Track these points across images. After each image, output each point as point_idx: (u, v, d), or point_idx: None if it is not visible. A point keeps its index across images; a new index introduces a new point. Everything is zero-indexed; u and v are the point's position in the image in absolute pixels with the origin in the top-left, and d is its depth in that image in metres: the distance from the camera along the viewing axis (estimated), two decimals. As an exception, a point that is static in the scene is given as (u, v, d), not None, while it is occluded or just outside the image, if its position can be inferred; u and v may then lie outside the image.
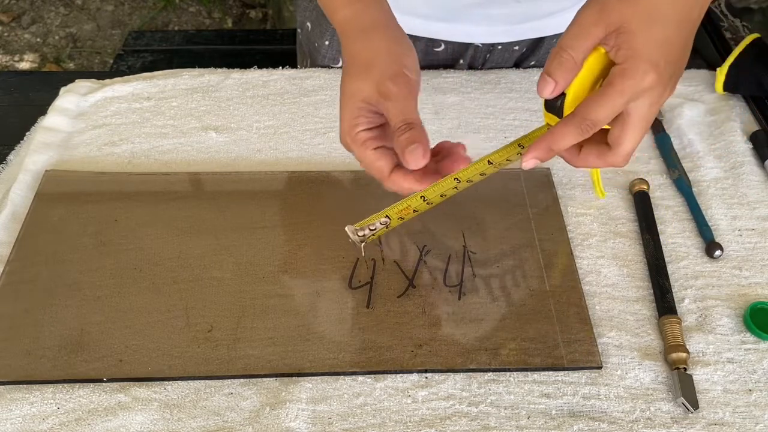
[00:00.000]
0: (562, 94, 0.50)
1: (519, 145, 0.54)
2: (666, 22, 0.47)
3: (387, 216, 0.55)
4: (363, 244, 0.56)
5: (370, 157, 0.54)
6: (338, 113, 0.78)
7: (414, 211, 0.56)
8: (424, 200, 0.55)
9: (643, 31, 0.47)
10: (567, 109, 0.50)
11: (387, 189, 0.54)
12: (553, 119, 0.51)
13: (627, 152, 0.50)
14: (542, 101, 0.51)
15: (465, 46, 0.84)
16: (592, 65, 0.49)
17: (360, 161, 0.55)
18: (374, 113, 0.54)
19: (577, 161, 0.53)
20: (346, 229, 0.56)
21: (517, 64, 0.87)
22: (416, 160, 0.51)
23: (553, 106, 0.51)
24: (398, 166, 0.54)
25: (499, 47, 0.84)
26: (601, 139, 0.51)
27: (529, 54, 0.86)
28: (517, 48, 0.85)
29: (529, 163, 0.51)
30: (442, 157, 0.55)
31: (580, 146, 0.52)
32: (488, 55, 0.85)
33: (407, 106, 0.52)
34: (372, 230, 0.55)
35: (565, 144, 0.50)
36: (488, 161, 0.54)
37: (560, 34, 0.82)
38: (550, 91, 0.49)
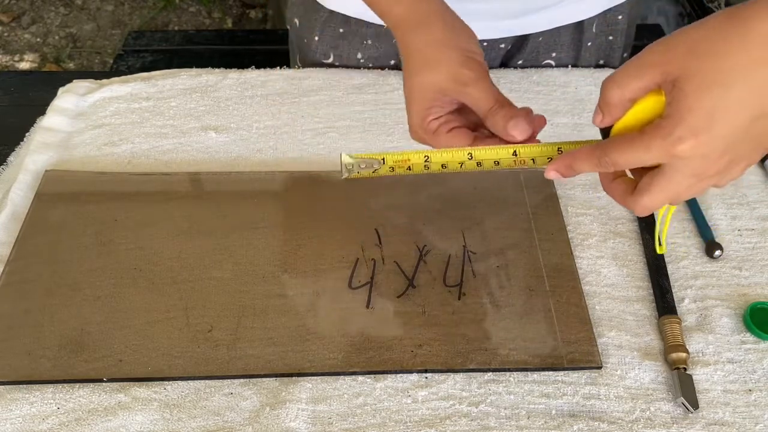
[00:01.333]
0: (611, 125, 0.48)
1: (558, 149, 0.52)
2: (729, 91, 0.42)
3: (383, 158, 0.53)
4: (345, 176, 0.54)
5: (445, 140, 0.54)
6: (338, 113, 0.78)
7: (408, 168, 0.54)
8: (425, 161, 0.53)
9: (696, 95, 0.42)
10: None
11: None
12: None
13: (644, 206, 0.48)
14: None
15: None
16: (647, 107, 0.46)
17: (436, 148, 0.55)
18: (447, 102, 0.54)
19: (606, 188, 0.51)
20: (341, 154, 0.54)
21: (504, 63, 0.87)
22: (522, 131, 0.51)
23: (603, 134, 0.49)
24: (476, 138, 0.54)
25: (485, 44, 0.84)
26: (638, 177, 0.49)
27: (516, 52, 0.86)
28: (503, 46, 0.85)
29: (550, 173, 0.50)
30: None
31: (616, 175, 0.50)
32: None
33: (488, 87, 0.53)
34: (361, 168, 0.53)
35: (582, 169, 0.49)
36: (513, 152, 0.52)
37: (545, 32, 0.83)
38: (597, 122, 0.48)
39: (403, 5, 0.57)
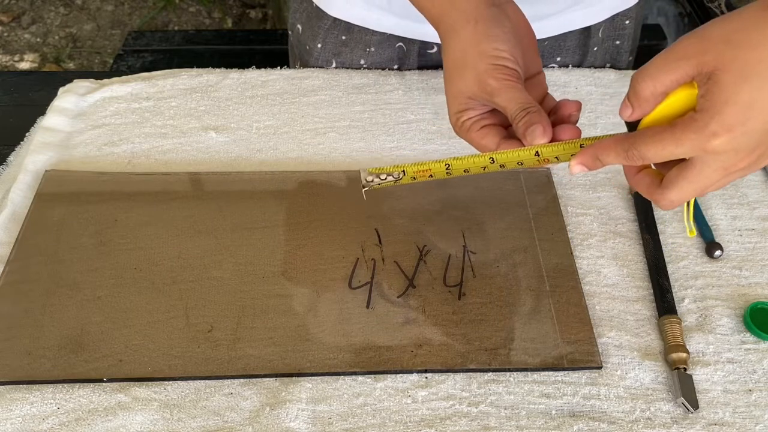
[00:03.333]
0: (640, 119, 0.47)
1: (581, 145, 0.51)
2: (764, 82, 0.41)
3: (403, 171, 0.55)
4: (365, 189, 0.56)
5: (475, 138, 0.55)
6: (338, 113, 0.79)
7: (430, 176, 0.55)
8: (447, 168, 0.55)
9: (732, 87, 0.41)
10: None
11: None
12: None
13: (671, 200, 0.47)
14: None
15: None
16: (679, 100, 0.45)
17: (471, 145, 0.57)
18: (479, 105, 0.55)
19: (631, 180, 0.51)
20: (360, 170, 0.56)
21: None
22: (535, 139, 0.51)
23: (631, 128, 0.49)
24: (504, 138, 0.54)
25: None
26: (665, 170, 0.48)
27: None
28: None
29: (575, 168, 0.50)
30: (555, 123, 0.54)
31: (640, 167, 0.50)
32: None
33: (515, 94, 0.53)
34: (381, 179, 0.55)
35: (608, 160, 0.48)
36: (536, 152, 0.52)
37: (551, 38, 0.83)
38: (627, 116, 0.47)
39: (439, 7, 0.57)
